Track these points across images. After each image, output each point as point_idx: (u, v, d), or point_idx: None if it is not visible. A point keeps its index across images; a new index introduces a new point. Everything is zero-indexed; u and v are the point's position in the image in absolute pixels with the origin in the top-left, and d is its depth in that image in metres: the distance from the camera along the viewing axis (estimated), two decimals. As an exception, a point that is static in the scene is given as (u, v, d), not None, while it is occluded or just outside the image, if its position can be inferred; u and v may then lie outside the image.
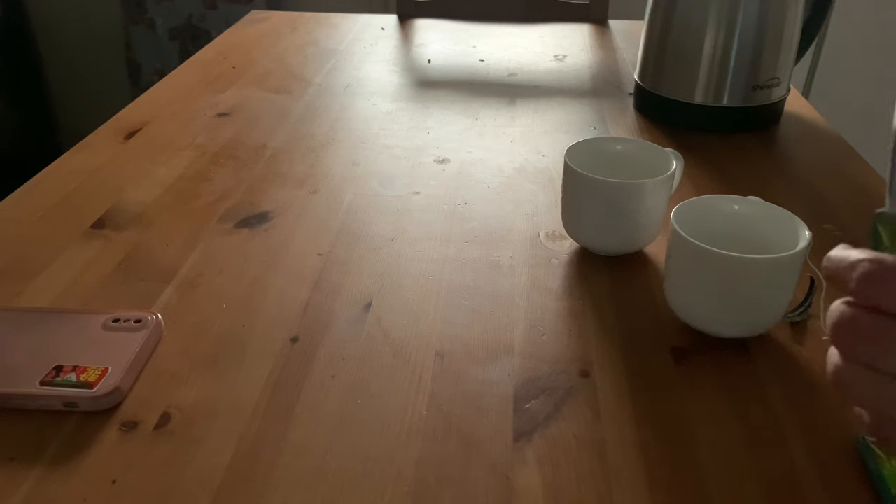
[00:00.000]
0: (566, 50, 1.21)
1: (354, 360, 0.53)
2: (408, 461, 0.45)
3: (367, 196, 0.75)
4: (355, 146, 0.86)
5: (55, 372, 0.49)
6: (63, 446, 0.46)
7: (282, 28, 1.31)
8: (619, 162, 0.67)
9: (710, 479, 0.44)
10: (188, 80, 1.06)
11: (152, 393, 0.50)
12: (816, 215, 0.71)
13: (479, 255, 0.65)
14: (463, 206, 0.73)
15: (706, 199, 0.58)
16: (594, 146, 0.67)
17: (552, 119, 0.94)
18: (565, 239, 0.68)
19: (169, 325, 0.56)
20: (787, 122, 0.93)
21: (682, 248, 0.53)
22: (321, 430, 0.47)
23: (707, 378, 0.52)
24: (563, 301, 0.60)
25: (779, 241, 0.54)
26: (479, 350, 0.54)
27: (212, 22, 2.15)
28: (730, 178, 0.79)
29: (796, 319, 0.57)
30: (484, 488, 0.43)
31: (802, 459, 0.45)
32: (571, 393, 0.50)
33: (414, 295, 0.60)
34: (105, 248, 0.66)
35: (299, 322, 0.57)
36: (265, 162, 0.82)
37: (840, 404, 0.49)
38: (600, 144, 0.67)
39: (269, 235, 0.68)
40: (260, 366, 0.52)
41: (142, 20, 2.15)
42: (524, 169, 0.81)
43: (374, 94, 1.01)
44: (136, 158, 0.83)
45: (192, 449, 0.46)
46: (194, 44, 2.15)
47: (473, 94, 1.02)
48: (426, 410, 0.49)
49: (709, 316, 0.54)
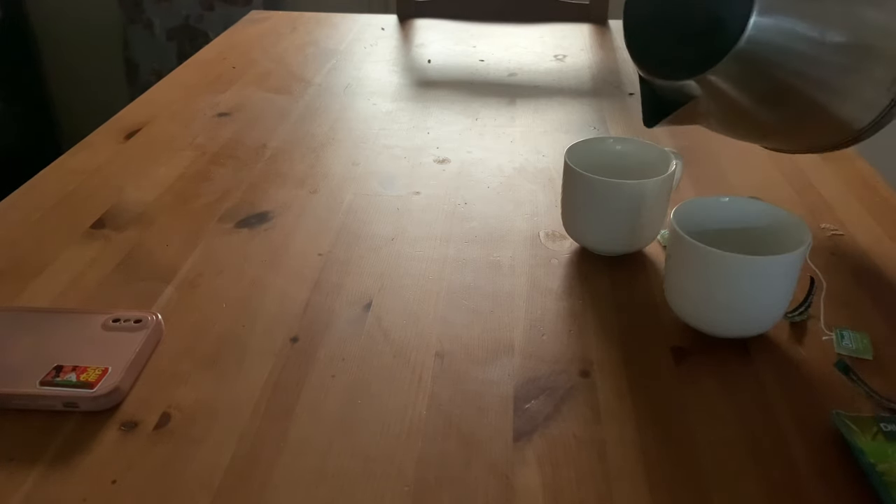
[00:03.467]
0: (566, 50, 1.21)
1: (354, 360, 0.53)
2: (408, 461, 0.45)
3: (367, 196, 0.75)
4: (355, 146, 0.86)
5: (55, 372, 0.49)
6: (63, 446, 0.46)
7: (282, 28, 1.31)
8: (619, 162, 0.67)
9: (710, 479, 0.44)
10: (188, 80, 1.06)
11: (152, 393, 0.50)
12: (816, 215, 0.71)
13: (479, 255, 0.65)
14: (463, 206, 0.73)
15: (706, 199, 0.58)
16: (594, 146, 0.67)
17: (552, 119, 0.94)
18: (565, 239, 0.68)
19: (169, 325, 0.56)
20: (786, 122, 0.93)
21: (682, 248, 0.53)
22: (321, 430, 0.47)
23: (707, 378, 0.52)
24: (563, 301, 0.60)
25: (779, 241, 0.54)
26: (479, 350, 0.54)
27: (209, 23, 2.15)
28: (730, 178, 0.79)
29: (796, 319, 0.57)
30: (484, 488, 0.43)
31: (802, 459, 0.45)
32: (571, 393, 0.50)
33: (414, 295, 0.60)
34: (105, 248, 0.66)
35: (299, 322, 0.57)
36: (265, 162, 0.82)
37: (839, 404, 0.49)
38: (600, 144, 0.67)
39: (269, 235, 0.68)
40: (260, 366, 0.52)
41: (140, 20, 2.15)
42: (524, 169, 0.81)
43: (374, 94, 1.01)
44: (136, 158, 0.83)
45: (192, 449, 0.46)
46: (192, 44, 2.15)
47: (473, 94, 1.02)
48: (426, 410, 0.49)
49: (709, 316, 0.54)
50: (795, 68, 0.51)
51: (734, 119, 0.57)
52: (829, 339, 0.55)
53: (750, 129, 0.59)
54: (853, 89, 0.53)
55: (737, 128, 0.59)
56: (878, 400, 0.49)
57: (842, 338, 0.55)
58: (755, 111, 0.54)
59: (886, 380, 0.51)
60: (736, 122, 0.58)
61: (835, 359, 0.53)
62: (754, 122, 0.57)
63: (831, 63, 0.51)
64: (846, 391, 0.50)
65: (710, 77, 0.51)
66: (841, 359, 0.52)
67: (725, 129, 0.60)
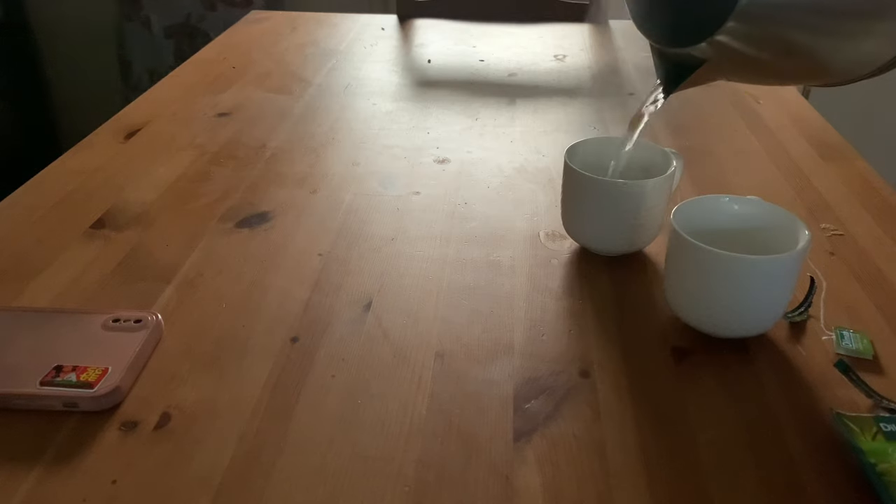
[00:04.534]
0: (566, 50, 1.21)
1: (354, 360, 0.53)
2: (408, 461, 0.45)
3: (367, 196, 0.75)
4: (355, 146, 0.86)
5: (55, 372, 0.49)
6: (63, 446, 0.46)
7: (282, 28, 1.31)
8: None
9: (710, 479, 0.44)
10: (188, 80, 1.06)
11: (152, 393, 0.50)
12: (816, 215, 0.71)
13: (479, 255, 0.65)
14: (463, 206, 0.73)
15: (706, 199, 0.58)
16: (594, 146, 0.67)
17: (552, 119, 0.94)
18: (565, 239, 0.68)
19: (169, 325, 0.56)
20: (786, 122, 0.93)
21: (682, 248, 0.53)
22: (321, 430, 0.47)
23: (707, 378, 0.52)
24: (563, 301, 0.60)
25: (779, 241, 0.54)
26: (479, 350, 0.54)
27: (210, 23, 2.15)
28: (730, 178, 0.79)
29: (796, 319, 0.57)
30: (484, 488, 0.43)
31: (802, 459, 0.45)
32: (571, 393, 0.50)
33: (414, 295, 0.60)
34: (105, 248, 0.66)
35: (299, 322, 0.57)
36: (265, 162, 0.82)
37: (839, 404, 0.49)
38: (600, 144, 0.67)
39: (269, 235, 0.68)
40: (260, 366, 0.52)
41: (137, 17, 2.15)
42: (524, 169, 0.81)
43: (374, 94, 1.01)
44: (136, 158, 0.83)
45: (192, 449, 0.46)
46: (191, 44, 2.15)
47: (473, 94, 1.02)
48: (426, 410, 0.49)
49: (709, 316, 0.54)
50: (803, 17, 0.49)
51: (750, 72, 0.56)
52: (829, 339, 0.55)
53: (769, 77, 0.58)
54: (870, 26, 0.51)
55: (754, 78, 0.59)
56: (878, 400, 0.49)
57: (842, 338, 0.55)
58: (770, 62, 0.54)
59: (886, 380, 0.51)
60: (752, 74, 0.57)
61: (835, 359, 0.53)
62: (772, 72, 0.56)
63: (842, 4, 0.50)
64: (846, 391, 0.50)
65: (719, 38, 0.50)
66: (841, 359, 0.52)
67: (743, 80, 0.60)
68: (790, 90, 1.04)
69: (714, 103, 0.99)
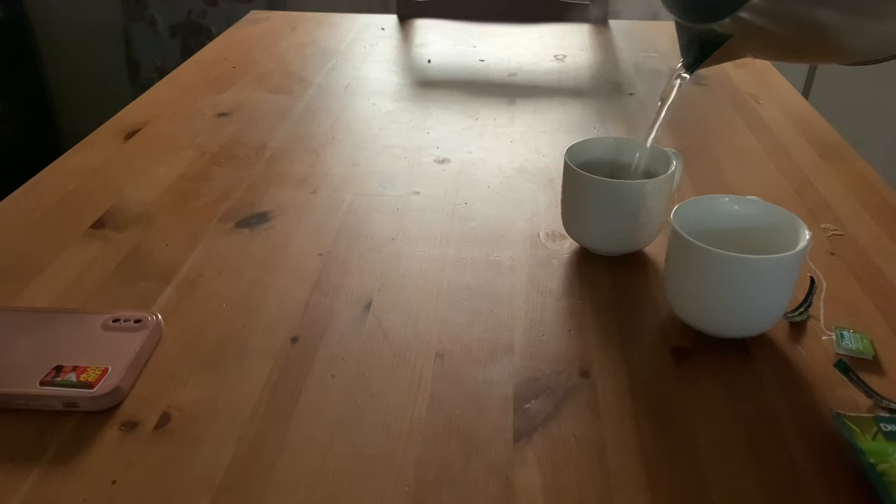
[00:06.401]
0: (566, 50, 1.21)
1: (354, 360, 0.53)
2: (408, 461, 0.45)
3: (367, 196, 0.75)
4: (355, 146, 0.86)
5: (55, 372, 0.49)
6: (63, 446, 0.46)
7: (282, 28, 1.31)
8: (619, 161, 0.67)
9: (710, 479, 0.44)
10: (188, 80, 1.06)
11: (152, 393, 0.50)
12: (816, 215, 0.71)
13: (479, 255, 0.65)
14: (463, 206, 0.73)
15: (706, 199, 0.58)
16: (594, 146, 0.67)
17: (552, 119, 0.94)
18: (565, 239, 0.68)
19: (169, 325, 0.56)
20: (786, 122, 0.93)
21: (682, 248, 0.53)
22: (321, 430, 0.47)
23: (707, 378, 0.52)
24: (563, 301, 0.60)
25: (779, 241, 0.54)
26: (479, 350, 0.54)
27: (212, 18, 2.15)
28: (730, 178, 0.79)
29: (796, 319, 0.57)
30: (484, 488, 0.43)
31: (802, 459, 0.45)
32: (571, 393, 0.50)
33: (414, 295, 0.60)
34: (105, 248, 0.66)
35: (299, 322, 0.57)
36: (265, 162, 0.82)
37: (839, 404, 0.49)
38: (600, 144, 0.67)
39: (269, 235, 0.68)
40: (260, 366, 0.52)
41: (142, 17, 2.15)
42: (524, 169, 0.81)
43: (374, 94, 1.01)
44: (136, 158, 0.83)
45: (192, 449, 0.46)
46: (195, 40, 2.15)
47: (473, 94, 1.02)
48: (426, 410, 0.49)
49: (709, 316, 0.54)
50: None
51: (775, 49, 0.56)
52: (829, 339, 0.55)
53: (794, 54, 0.58)
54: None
55: (779, 55, 0.59)
56: (878, 400, 0.49)
57: (842, 338, 0.55)
58: (795, 39, 0.53)
59: (886, 380, 0.51)
60: (777, 51, 0.57)
61: (835, 359, 0.53)
62: (797, 49, 0.56)
63: None
64: (846, 391, 0.50)
65: (742, 14, 0.50)
66: (841, 359, 0.52)
67: (768, 57, 0.59)
68: (790, 90, 1.04)
69: (714, 103, 0.99)
